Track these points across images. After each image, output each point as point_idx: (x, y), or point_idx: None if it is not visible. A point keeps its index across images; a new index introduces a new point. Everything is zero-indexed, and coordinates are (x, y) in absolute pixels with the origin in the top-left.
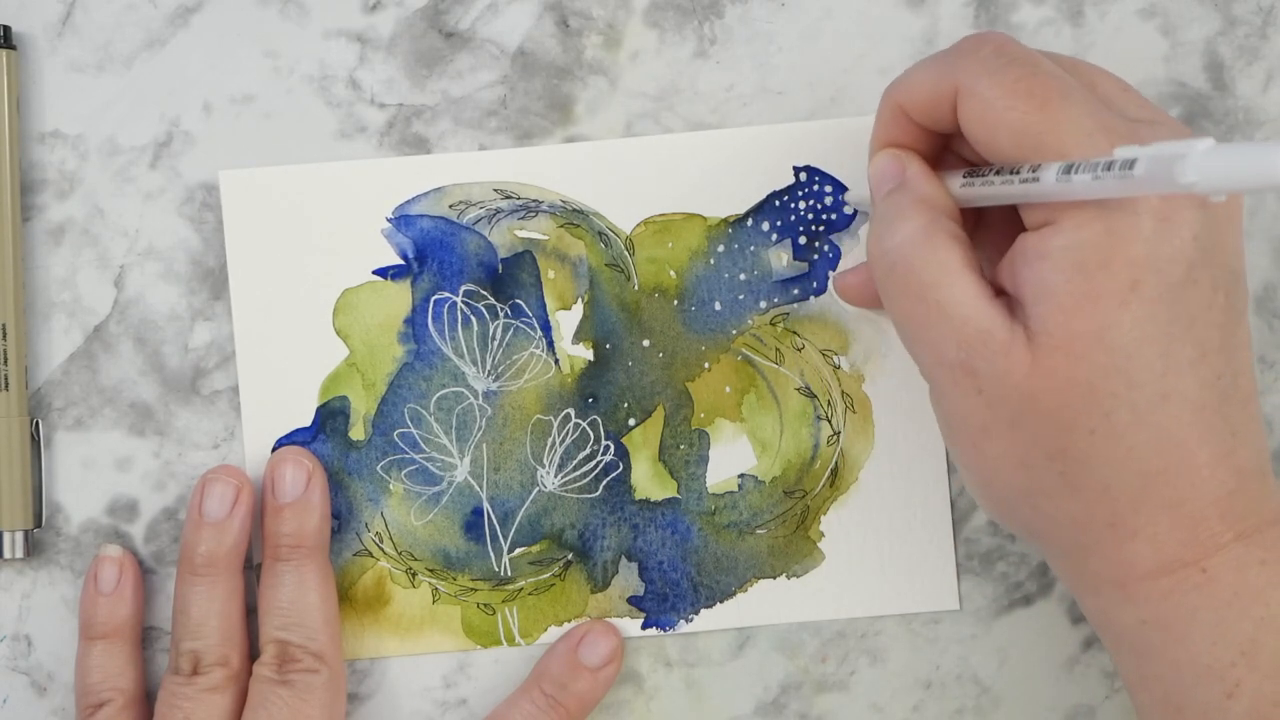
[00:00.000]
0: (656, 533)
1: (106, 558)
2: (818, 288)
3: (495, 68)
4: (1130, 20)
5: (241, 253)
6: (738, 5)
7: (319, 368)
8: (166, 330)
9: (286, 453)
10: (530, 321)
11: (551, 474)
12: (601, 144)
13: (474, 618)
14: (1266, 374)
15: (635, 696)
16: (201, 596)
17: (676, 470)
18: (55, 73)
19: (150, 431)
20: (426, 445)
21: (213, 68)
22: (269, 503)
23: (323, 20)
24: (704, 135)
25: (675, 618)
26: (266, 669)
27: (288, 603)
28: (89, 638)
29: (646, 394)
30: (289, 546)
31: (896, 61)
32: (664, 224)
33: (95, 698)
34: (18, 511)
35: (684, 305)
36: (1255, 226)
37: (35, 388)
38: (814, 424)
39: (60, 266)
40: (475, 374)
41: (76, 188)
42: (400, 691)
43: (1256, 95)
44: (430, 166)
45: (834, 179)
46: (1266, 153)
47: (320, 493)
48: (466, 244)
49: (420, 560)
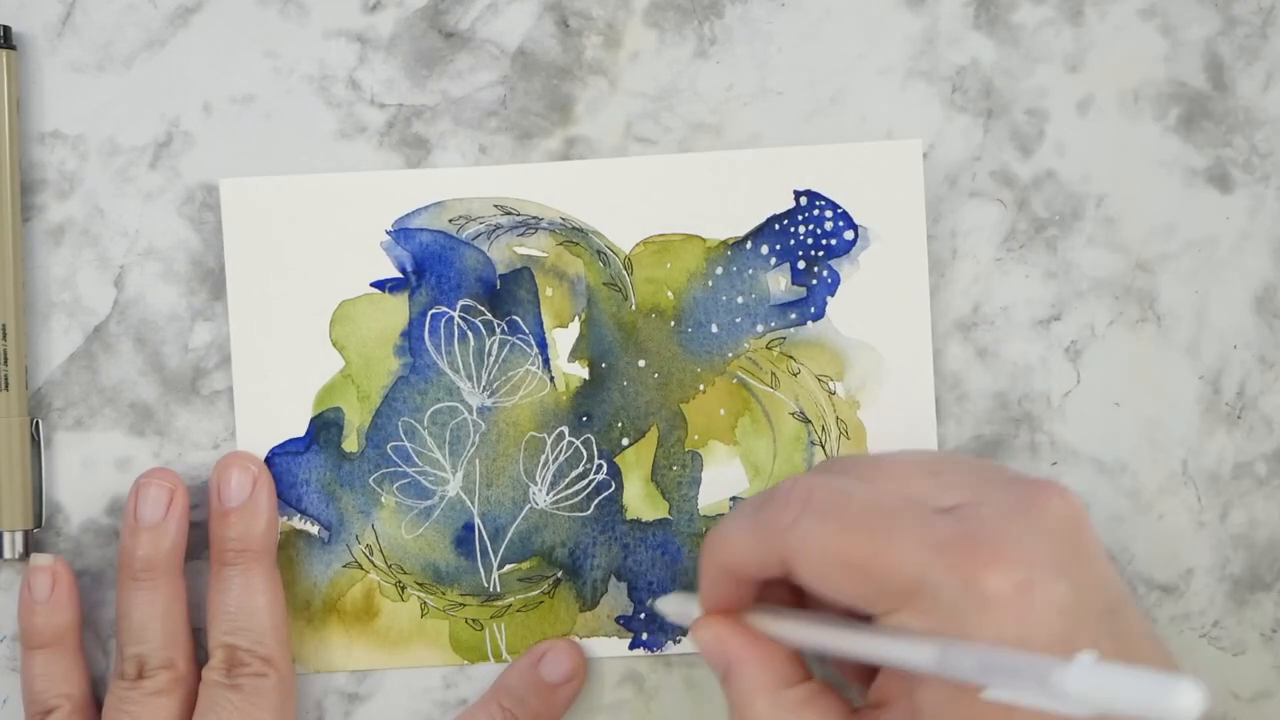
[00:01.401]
0: (647, 553)
1: (38, 567)
2: (815, 313)
3: (495, 68)
4: (1130, 20)
5: (240, 260)
6: (738, 5)
7: (314, 378)
8: (166, 330)
9: (232, 458)
10: (527, 338)
11: (543, 491)
12: (602, 162)
13: (462, 633)
14: (1267, 374)
15: (635, 696)
16: (143, 601)
17: (668, 491)
18: (55, 73)
19: (150, 431)
20: (419, 459)
21: (213, 68)
22: (215, 508)
23: (323, 20)
24: (704, 156)
25: (663, 638)
26: (215, 673)
27: (235, 607)
28: (30, 647)
29: (640, 414)
30: (235, 551)
31: (896, 61)
32: (663, 244)
33: (42, 705)
34: (18, 511)
35: (681, 326)
36: (1255, 226)
37: (35, 388)
38: (807, 449)
39: (60, 266)
40: (470, 389)
41: (76, 188)
42: (400, 692)
43: (1256, 95)
44: (431, 180)
45: (834, 203)
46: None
47: (266, 497)
48: (465, 259)
49: (410, 574)
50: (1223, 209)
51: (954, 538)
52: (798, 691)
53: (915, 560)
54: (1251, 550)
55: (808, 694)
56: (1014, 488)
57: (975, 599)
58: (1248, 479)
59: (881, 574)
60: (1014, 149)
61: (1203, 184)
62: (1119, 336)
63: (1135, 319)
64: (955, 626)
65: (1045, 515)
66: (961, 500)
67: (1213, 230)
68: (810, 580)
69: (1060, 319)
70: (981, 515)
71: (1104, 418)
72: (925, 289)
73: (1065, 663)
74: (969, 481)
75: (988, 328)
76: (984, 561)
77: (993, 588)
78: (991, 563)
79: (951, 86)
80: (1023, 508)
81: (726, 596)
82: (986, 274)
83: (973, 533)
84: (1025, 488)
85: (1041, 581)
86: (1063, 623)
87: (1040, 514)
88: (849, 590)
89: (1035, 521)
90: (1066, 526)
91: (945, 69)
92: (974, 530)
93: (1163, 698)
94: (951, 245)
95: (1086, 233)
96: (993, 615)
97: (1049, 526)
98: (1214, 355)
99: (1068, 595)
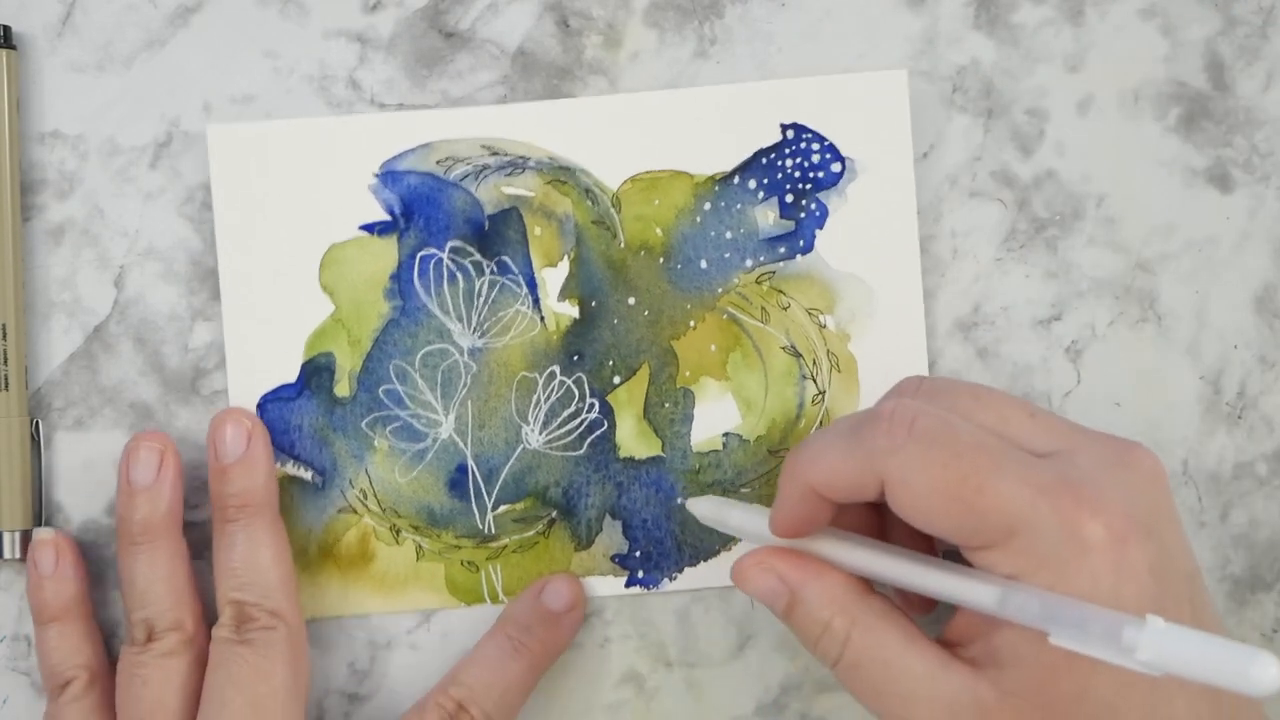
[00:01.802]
0: (641, 491)
1: (41, 542)
2: (804, 246)
3: (495, 68)
4: (1130, 20)
5: (228, 206)
6: (738, 5)
7: (305, 324)
8: (166, 330)
9: (226, 414)
10: (516, 278)
11: (536, 431)
12: (588, 100)
13: (458, 575)
14: (1267, 374)
15: (635, 696)
16: (144, 564)
17: (661, 428)
18: (55, 73)
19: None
20: (411, 402)
21: (213, 68)
22: (213, 465)
23: (323, 20)
24: (690, 92)
25: (659, 576)
26: (225, 630)
27: (241, 563)
28: (41, 622)
29: (632, 352)
30: (236, 506)
31: (897, 61)
32: (651, 181)
33: (60, 678)
34: (18, 511)
35: (670, 263)
36: (1255, 226)
37: (35, 388)
38: (799, 383)
39: (60, 266)
40: (461, 330)
41: (76, 188)
42: (401, 691)
43: (1256, 95)
44: (418, 122)
45: (821, 136)
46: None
47: (263, 449)
48: (453, 200)
49: (404, 517)
50: (1223, 209)
51: (1056, 482)
52: (874, 603)
53: (1019, 498)
54: (1251, 550)
55: (882, 609)
56: (1107, 442)
57: (1074, 544)
58: (1248, 479)
59: (984, 509)
60: (1014, 149)
61: (1203, 184)
62: (1119, 336)
63: (1135, 319)
64: (1050, 569)
65: (1139, 472)
66: (1058, 447)
67: (1213, 230)
68: (907, 508)
69: (1060, 319)
70: (1080, 463)
71: (1104, 418)
72: (913, 220)
73: (1139, 621)
74: (1064, 430)
75: (988, 328)
76: (1086, 509)
77: (1093, 536)
78: (1094, 511)
79: (951, 86)
80: (1119, 462)
81: (806, 516)
82: (987, 274)
83: (1074, 480)
84: (1118, 444)
85: (1136, 537)
86: (1152, 581)
87: (1134, 470)
88: (947, 522)
89: (1130, 476)
90: (1157, 486)
91: (945, 69)
92: (1075, 478)
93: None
94: (951, 245)
95: (1087, 233)
96: (1089, 562)
97: (1141, 484)
98: (1214, 355)
99: (1158, 554)
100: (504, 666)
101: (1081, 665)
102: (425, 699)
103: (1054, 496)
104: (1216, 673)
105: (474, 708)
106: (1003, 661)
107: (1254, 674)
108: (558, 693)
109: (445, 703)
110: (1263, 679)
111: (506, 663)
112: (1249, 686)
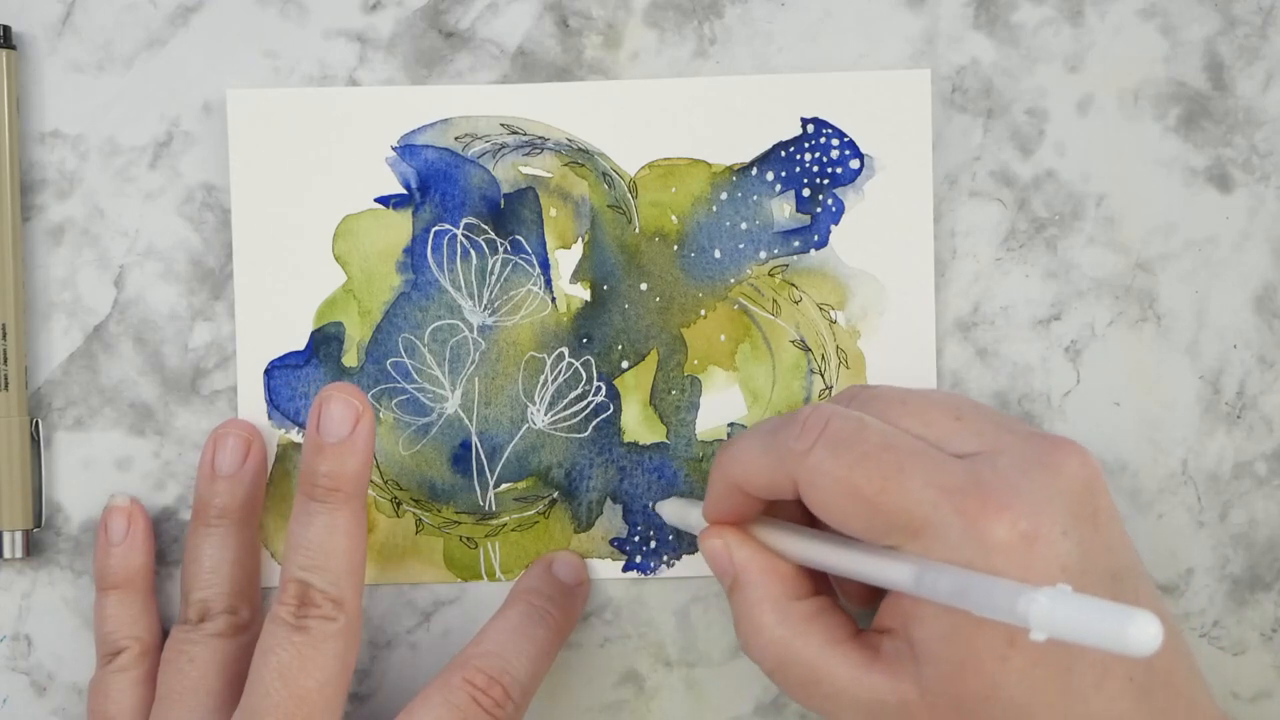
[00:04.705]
0: (643, 476)
1: (116, 508)
2: (819, 241)
3: (495, 68)
4: (1130, 20)
5: (244, 173)
6: (738, 5)
7: (316, 292)
8: (166, 330)
9: (335, 389)
10: (529, 258)
11: (541, 411)
12: (610, 84)
13: (456, 551)
14: (1267, 374)
15: (635, 696)
16: (214, 547)
17: (666, 415)
18: (55, 73)
19: (150, 431)
20: (419, 376)
21: (213, 68)
22: (311, 438)
23: (323, 20)
24: (712, 81)
25: (656, 562)
26: (283, 609)
27: (314, 543)
28: (103, 588)
29: (641, 337)
30: (326, 488)
31: (896, 61)
32: (668, 168)
33: (112, 646)
34: (18, 511)
35: (684, 251)
36: (1255, 226)
37: (35, 388)
38: (807, 377)
39: (60, 266)
40: (471, 307)
41: (76, 188)
42: (400, 692)
43: (1256, 95)
44: (438, 98)
45: (841, 131)
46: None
47: (365, 436)
48: (470, 177)
49: (406, 490)
50: (1223, 209)
51: (965, 483)
52: (805, 605)
53: (923, 499)
54: (1251, 550)
55: (815, 609)
56: (1034, 442)
57: (978, 544)
58: (1248, 479)
59: (889, 509)
60: (1014, 149)
61: (1203, 184)
62: (1119, 336)
63: (1135, 319)
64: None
65: (1061, 473)
66: (980, 448)
67: (1213, 230)
68: (819, 507)
69: (1060, 319)
70: (997, 464)
71: (1104, 417)
72: (929, 220)
73: (1032, 590)
74: (990, 430)
75: (988, 327)
76: (992, 509)
77: (997, 536)
78: (999, 512)
79: (951, 86)
80: (1039, 463)
81: (732, 510)
82: (986, 274)
83: (985, 481)
84: (1045, 444)
85: (1047, 537)
86: (1064, 580)
87: (1056, 471)
88: (855, 522)
89: (1050, 478)
90: (1081, 487)
91: (945, 69)
92: (987, 478)
93: (1120, 627)
94: (951, 245)
95: (1086, 232)
96: (994, 563)
97: (1063, 485)
98: (1214, 355)
99: (1073, 553)
100: (532, 632)
101: (988, 665)
102: (446, 676)
103: (960, 497)
104: (1099, 636)
105: (505, 677)
106: (920, 657)
107: (1132, 633)
108: (558, 693)
109: (474, 677)
110: (1140, 638)
111: (534, 629)
112: (1127, 646)
